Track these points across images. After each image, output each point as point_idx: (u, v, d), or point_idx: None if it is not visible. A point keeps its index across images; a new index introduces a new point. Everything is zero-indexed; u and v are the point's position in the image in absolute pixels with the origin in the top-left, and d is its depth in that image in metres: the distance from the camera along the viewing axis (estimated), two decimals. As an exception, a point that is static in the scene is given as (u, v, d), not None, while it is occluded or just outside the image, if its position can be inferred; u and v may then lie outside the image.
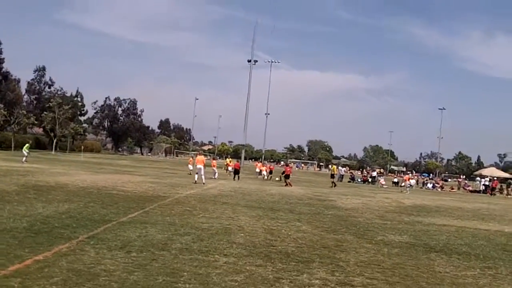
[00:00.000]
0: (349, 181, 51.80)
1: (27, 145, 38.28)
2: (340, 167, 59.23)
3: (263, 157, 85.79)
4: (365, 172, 65.17)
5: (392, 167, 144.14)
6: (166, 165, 58.29)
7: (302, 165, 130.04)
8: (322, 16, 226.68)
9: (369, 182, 52.12)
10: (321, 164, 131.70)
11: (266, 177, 39.76)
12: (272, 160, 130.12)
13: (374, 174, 57.47)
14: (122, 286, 5.85)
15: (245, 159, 73.47)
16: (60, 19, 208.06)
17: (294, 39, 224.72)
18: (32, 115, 66.99)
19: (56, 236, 8.45)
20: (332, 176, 38.16)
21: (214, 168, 33.28)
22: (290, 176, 32.41)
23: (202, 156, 28.46)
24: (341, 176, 53.46)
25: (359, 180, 54.97)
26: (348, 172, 61.57)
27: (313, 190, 29.13)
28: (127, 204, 13.60)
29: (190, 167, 37.61)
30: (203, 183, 24.45)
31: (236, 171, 35.13)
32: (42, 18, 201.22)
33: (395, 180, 55.14)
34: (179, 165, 58.89)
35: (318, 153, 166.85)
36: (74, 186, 17.84)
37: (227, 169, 43.10)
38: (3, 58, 65.52)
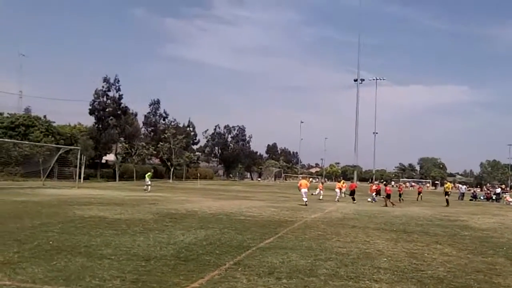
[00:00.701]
0: (471, 199, 48.68)
1: (149, 173, 40.13)
2: (460, 185, 56.03)
3: (373, 177, 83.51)
4: (487, 189, 60.92)
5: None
6: (277, 189, 58.84)
7: (413, 184, 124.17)
8: (417, 27, 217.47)
9: (493, 199, 48.48)
10: (436, 182, 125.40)
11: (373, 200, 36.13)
12: (382, 181, 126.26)
13: (498, 190, 53.39)
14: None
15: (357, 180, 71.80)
16: (162, 52, 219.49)
17: (391, 54, 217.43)
18: (150, 146, 71.07)
19: (204, 263, 8.62)
20: (447, 194, 35.71)
21: (321, 191, 35.45)
22: (391, 195, 30.91)
23: (305, 180, 29.60)
24: (462, 194, 50.51)
25: (481, 197, 51.43)
26: (468, 189, 57.86)
27: (438, 210, 27.63)
28: (259, 229, 13.69)
29: (316, 191, 37.80)
30: (306, 205, 24.81)
31: (352, 192, 34.22)
32: (145, 53, 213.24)
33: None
34: (290, 188, 59.08)
35: (431, 171, 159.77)
36: (203, 212, 18.40)
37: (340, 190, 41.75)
38: (122, 95, 70.32)
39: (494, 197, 49.45)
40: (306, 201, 25.53)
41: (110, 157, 78.21)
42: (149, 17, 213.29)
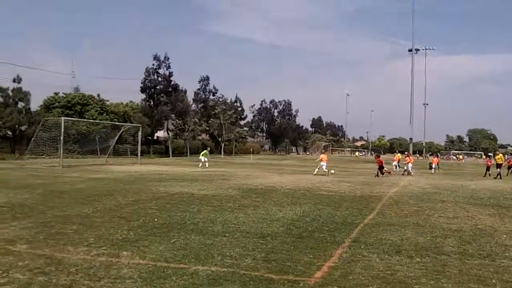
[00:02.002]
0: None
1: (205, 151, 39.75)
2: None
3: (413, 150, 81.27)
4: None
5: None
6: (330, 163, 58.02)
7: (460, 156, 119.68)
8: None
9: None
10: (490, 154, 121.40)
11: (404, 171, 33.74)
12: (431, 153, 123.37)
13: None
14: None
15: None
16: (204, 29, 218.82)
17: (436, 22, 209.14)
18: (203, 122, 71.61)
19: (321, 240, 8.39)
20: (498, 166, 32.76)
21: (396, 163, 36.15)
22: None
23: (325, 155, 33.07)
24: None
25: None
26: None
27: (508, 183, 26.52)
28: (353, 205, 13.39)
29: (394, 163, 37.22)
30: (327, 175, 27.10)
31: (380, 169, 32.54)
32: (185, 29, 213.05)
33: None
34: (343, 162, 58.52)
35: (481, 143, 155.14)
36: (283, 188, 18.21)
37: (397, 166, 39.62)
38: (172, 72, 70.72)
39: None
40: (328, 171, 28.17)
41: (160, 133, 79.29)
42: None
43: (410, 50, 53.65)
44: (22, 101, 54.21)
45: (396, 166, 36.08)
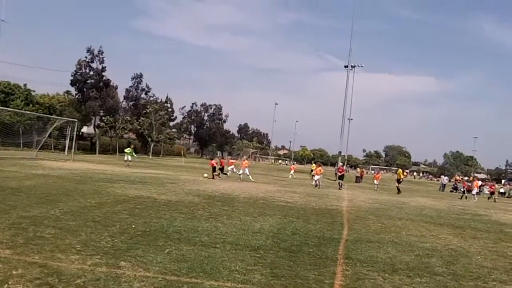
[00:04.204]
0: (451, 191, 49.23)
1: (129, 149, 37.54)
2: (442, 176, 57.27)
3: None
4: (462, 180, 62.05)
5: (475, 174, 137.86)
6: (260, 170, 58.47)
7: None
8: (384, 14, 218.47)
9: (478, 192, 49.21)
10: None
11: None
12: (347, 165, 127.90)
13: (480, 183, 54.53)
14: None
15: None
16: (134, 25, 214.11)
17: (359, 40, 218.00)
18: (133, 120, 69.74)
19: (315, 256, 8.39)
20: (398, 181, 34.24)
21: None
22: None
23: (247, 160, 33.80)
24: (443, 186, 51.51)
25: (461, 189, 52.31)
26: (453, 181, 58.72)
27: (444, 202, 28.04)
28: (320, 218, 13.54)
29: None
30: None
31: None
32: (117, 26, 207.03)
33: (502, 190, 52.16)
34: (273, 170, 59.25)
35: (396, 159, 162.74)
36: (241, 197, 18.02)
37: (312, 176, 36.09)
38: (105, 67, 68.39)
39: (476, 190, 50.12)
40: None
41: (85, 129, 76.34)
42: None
43: (346, 66, 55.53)
44: None
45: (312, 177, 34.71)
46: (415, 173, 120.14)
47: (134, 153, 38.12)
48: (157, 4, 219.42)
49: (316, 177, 30.92)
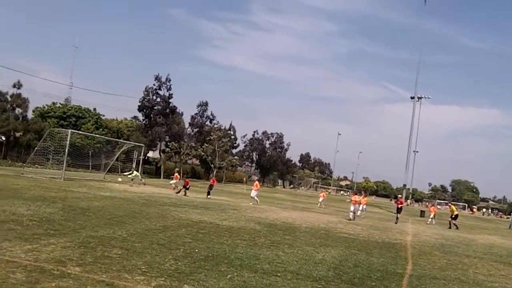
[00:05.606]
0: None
1: (136, 172, 36.34)
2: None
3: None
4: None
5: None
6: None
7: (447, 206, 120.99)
8: (451, 45, 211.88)
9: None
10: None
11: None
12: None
13: None
14: None
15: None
16: (196, 54, 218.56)
17: (426, 71, 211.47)
18: (198, 146, 71.28)
19: (377, 290, 8.20)
20: (452, 217, 30.93)
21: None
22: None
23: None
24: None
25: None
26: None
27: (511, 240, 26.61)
28: (383, 252, 13.30)
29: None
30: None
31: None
32: (180, 55, 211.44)
33: None
34: (332, 201, 58.42)
35: (464, 194, 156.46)
36: (302, 226, 18.03)
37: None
38: (172, 94, 70.70)
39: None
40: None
41: (150, 154, 78.62)
42: (186, 18, 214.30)
43: (412, 98, 54.51)
44: (20, 107, 53.51)
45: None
46: (484, 210, 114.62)
47: (138, 176, 36.82)
48: (219, 32, 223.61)
49: (352, 208, 27.91)
